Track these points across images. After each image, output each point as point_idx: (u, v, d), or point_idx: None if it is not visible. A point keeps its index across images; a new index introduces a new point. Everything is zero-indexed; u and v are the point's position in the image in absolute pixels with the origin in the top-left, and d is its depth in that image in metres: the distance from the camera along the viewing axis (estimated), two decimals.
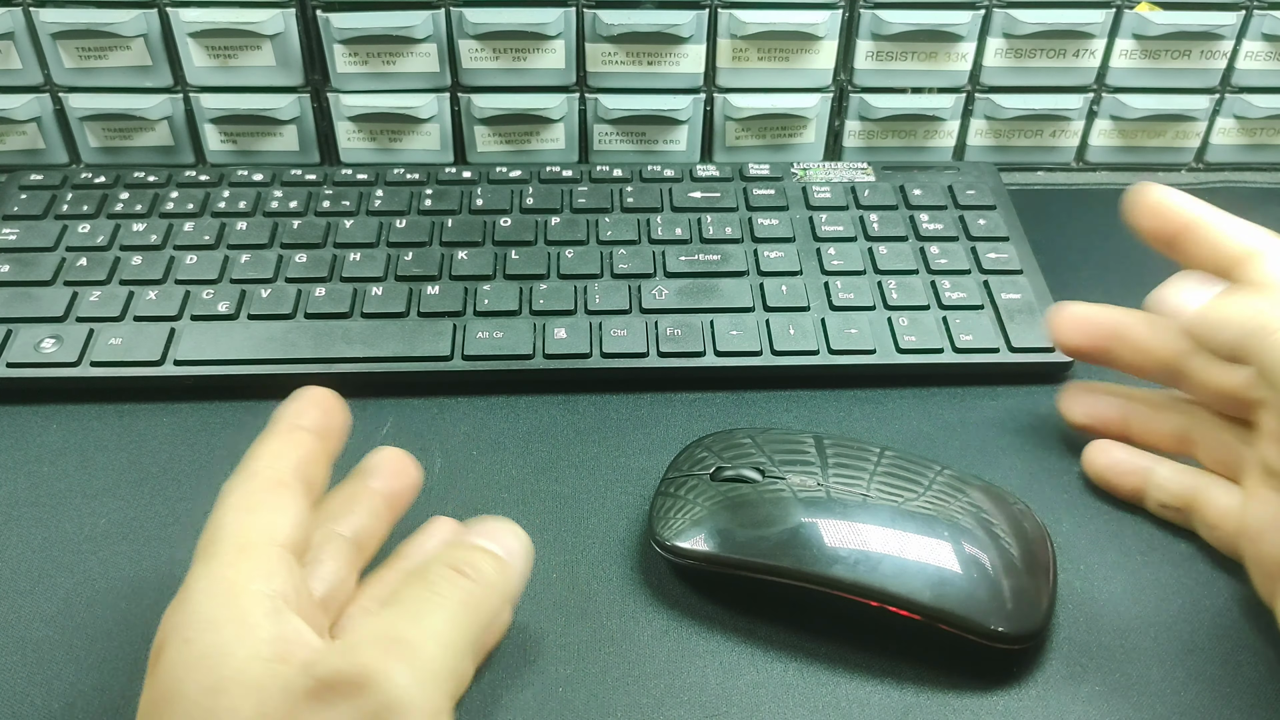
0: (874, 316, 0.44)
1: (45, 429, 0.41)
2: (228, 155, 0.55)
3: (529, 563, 0.30)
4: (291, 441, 0.30)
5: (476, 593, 0.27)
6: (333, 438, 0.32)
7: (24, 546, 0.37)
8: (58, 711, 0.32)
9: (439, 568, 0.28)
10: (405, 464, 0.34)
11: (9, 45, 0.51)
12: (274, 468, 0.29)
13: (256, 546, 0.27)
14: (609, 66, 0.52)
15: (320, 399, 0.32)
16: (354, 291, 0.45)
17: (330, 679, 0.24)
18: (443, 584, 0.27)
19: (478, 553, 0.29)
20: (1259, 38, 0.53)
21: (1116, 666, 0.33)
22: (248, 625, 0.25)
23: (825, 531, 0.33)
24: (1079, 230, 0.52)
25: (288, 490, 0.29)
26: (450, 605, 0.27)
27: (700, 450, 0.37)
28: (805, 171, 0.52)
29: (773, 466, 0.35)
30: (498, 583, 0.29)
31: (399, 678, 0.24)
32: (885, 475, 0.35)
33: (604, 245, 0.47)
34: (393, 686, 0.24)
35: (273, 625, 0.25)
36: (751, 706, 0.32)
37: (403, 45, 0.51)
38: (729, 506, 0.34)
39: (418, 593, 0.27)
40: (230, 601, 0.25)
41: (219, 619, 0.25)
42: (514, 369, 0.42)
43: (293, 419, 0.31)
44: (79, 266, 0.46)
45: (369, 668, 0.24)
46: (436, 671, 0.25)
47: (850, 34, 0.52)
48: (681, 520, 0.35)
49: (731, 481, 0.35)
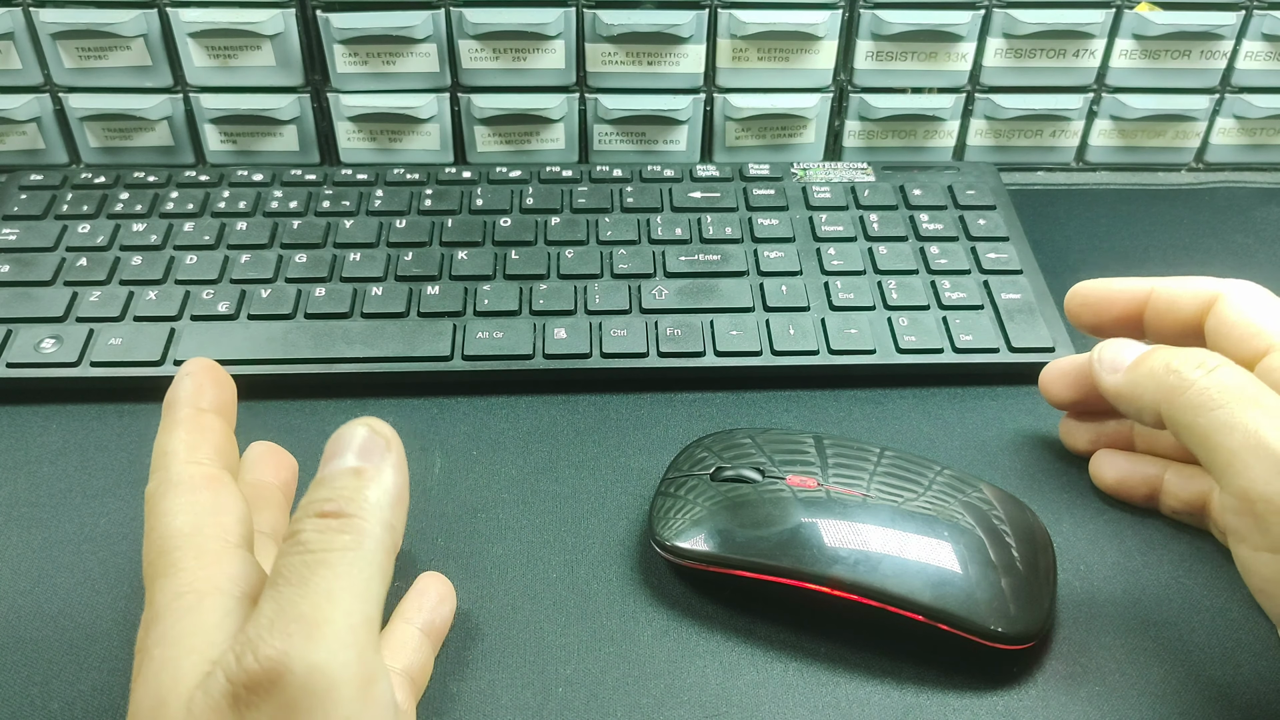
0: (874, 316, 0.44)
1: (45, 429, 0.41)
2: (228, 155, 0.55)
3: (399, 449, 0.26)
4: (201, 428, 0.28)
5: (358, 527, 0.24)
6: (230, 413, 0.30)
7: (24, 546, 0.37)
8: (57, 711, 0.32)
9: (307, 521, 0.25)
10: (284, 455, 0.35)
11: (9, 45, 0.51)
12: (198, 463, 0.27)
13: (213, 552, 0.25)
14: (609, 66, 0.52)
15: (212, 372, 0.30)
16: (354, 291, 0.45)
17: (242, 680, 0.22)
18: (316, 539, 0.24)
19: (340, 480, 0.25)
20: (1259, 38, 0.53)
21: (1116, 666, 0.33)
22: (203, 631, 0.24)
23: (825, 532, 0.33)
24: (1079, 230, 0.52)
25: (222, 484, 0.27)
26: (333, 558, 0.24)
27: (700, 450, 0.37)
28: (805, 171, 0.52)
29: (773, 467, 0.35)
30: (376, 500, 0.25)
31: (310, 657, 0.22)
32: (886, 475, 0.35)
33: (604, 245, 0.47)
34: (307, 669, 0.22)
35: (231, 626, 0.24)
36: (751, 706, 0.32)
37: (403, 45, 0.51)
38: (728, 507, 0.34)
39: (296, 560, 0.24)
40: (196, 613, 0.24)
41: (181, 631, 0.24)
42: (514, 369, 0.42)
43: (193, 400, 0.29)
44: (79, 266, 0.46)
45: (273, 659, 0.22)
46: (346, 635, 0.23)
47: (850, 34, 0.52)
48: (681, 520, 0.35)
49: (731, 481, 0.35)
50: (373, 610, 0.24)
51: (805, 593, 0.33)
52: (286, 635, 0.23)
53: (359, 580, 0.24)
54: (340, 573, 0.24)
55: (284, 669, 0.22)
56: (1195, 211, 0.54)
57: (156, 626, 0.24)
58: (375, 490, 0.25)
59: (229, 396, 0.30)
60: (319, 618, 0.23)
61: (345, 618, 0.23)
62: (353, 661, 0.23)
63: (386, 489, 0.25)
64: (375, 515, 0.25)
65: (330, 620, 0.23)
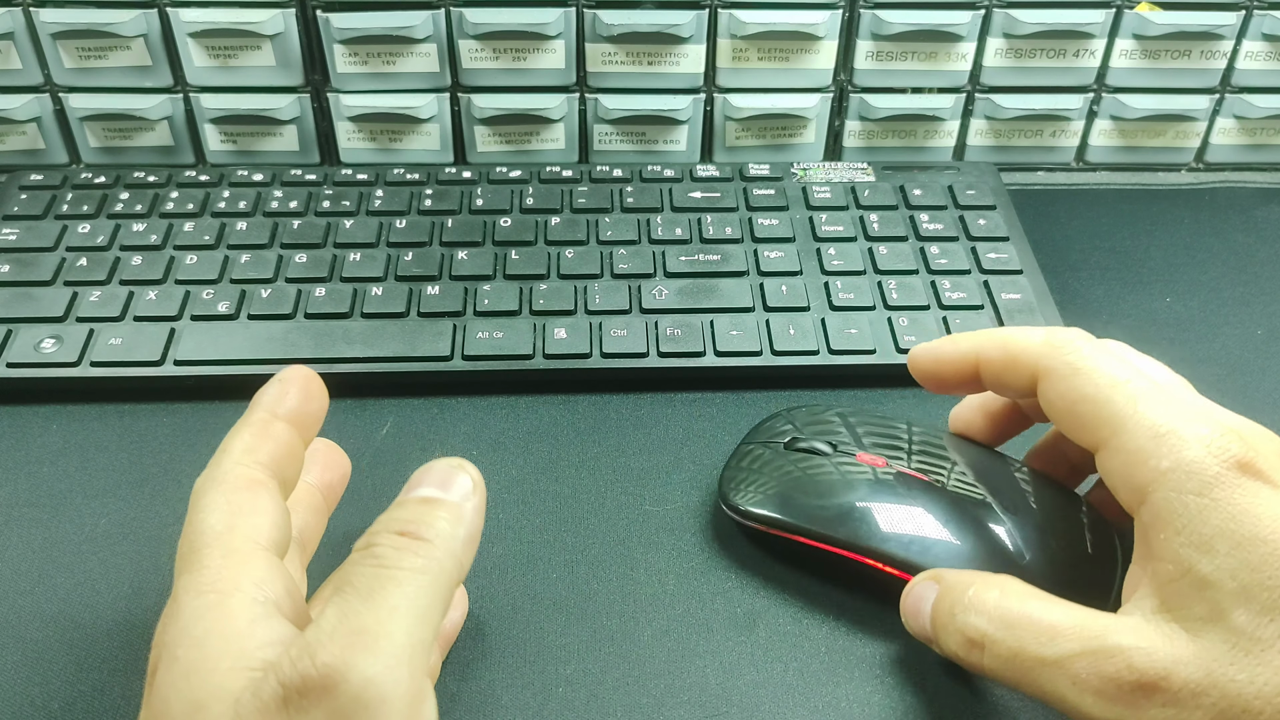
0: (874, 316, 0.44)
1: (45, 429, 0.41)
2: (228, 155, 0.55)
3: (482, 495, 0.28)
4: (266, 434, 0.29)
5: (431, 553, 0.25)
6: (309, 424, 0.30)
7: (24, 546, 0.37)
8: (57, 711, 0.32)
9: (384, 536, 0.25)
10: (338, 455, 0.34)
11: (9, 45, 0.51)
12: (248, 465, 0.28)
13: (242, 552, 0.26)
14: (609, 66, 0.52)
15: (303, 381, 0.30)
16: (354, 291, 0.45)
17: (296, 684, 0.23)
18: (391, 555, 0.25)
19: (423, 508, 0.26)
20: (1259, 38, 0.53)
21: None
22: (235, 636, 0.24)
23: (880, 510, 0.33)
24: (1079, 230, 0.52)
25: (264, 489, 0.27)
26: (404, 576, 0.24)
27: (781, 421, 0.38)
28: (805, 171, 0.52)
29: (849, 443, 0.36)
30: (452, 533, 0.26)
31: (366, 669, 0.23)
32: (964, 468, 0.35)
33: (604, 245, 0.47)
34: (362, 681, 0.22)
35: (263, 633, 0.24)
36: (751, 706, 0.32)
37: (403, 45, 0.51)
38: (795, 475, 0.35)
39: (367, 571, 0.25)
40: (219, 613, 0.24)
41: (207, 632, 0.24)
42: (514, 369, 0.42)
43: (271, 406, 0.29)
44: (79, 266, 0.46)
45: (331, 666, 0.23)
46: (404, 653, 0.23)
47: (850, 34, 0.52)
48: (747, 485, 0.36)
49: (803, 452, 0.36)
50: (429, 635, 0.24)
51: (859, 566, 0.33)
52: (347, 644, 0.23)
53: (422, 602, 0.24)
54: (407, 591, 0.24)
55: (340, 678, 0.22)
56: (1195, 211, 0.54)
57: (176, 623, 0.24)
58: (453, 524, 0.26)
59: (314, 408, 0.30)
60: (381, 631, 0.23)
61: (405, 635, 0.23)
62: (405, 679, 0.23)
63: (464, 525, 0.26)
64: (448, 546, 0.26)
65: (391, 635, 0.23)
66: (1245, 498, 0.26)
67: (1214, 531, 0.26)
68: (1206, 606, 0.26)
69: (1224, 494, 0.26)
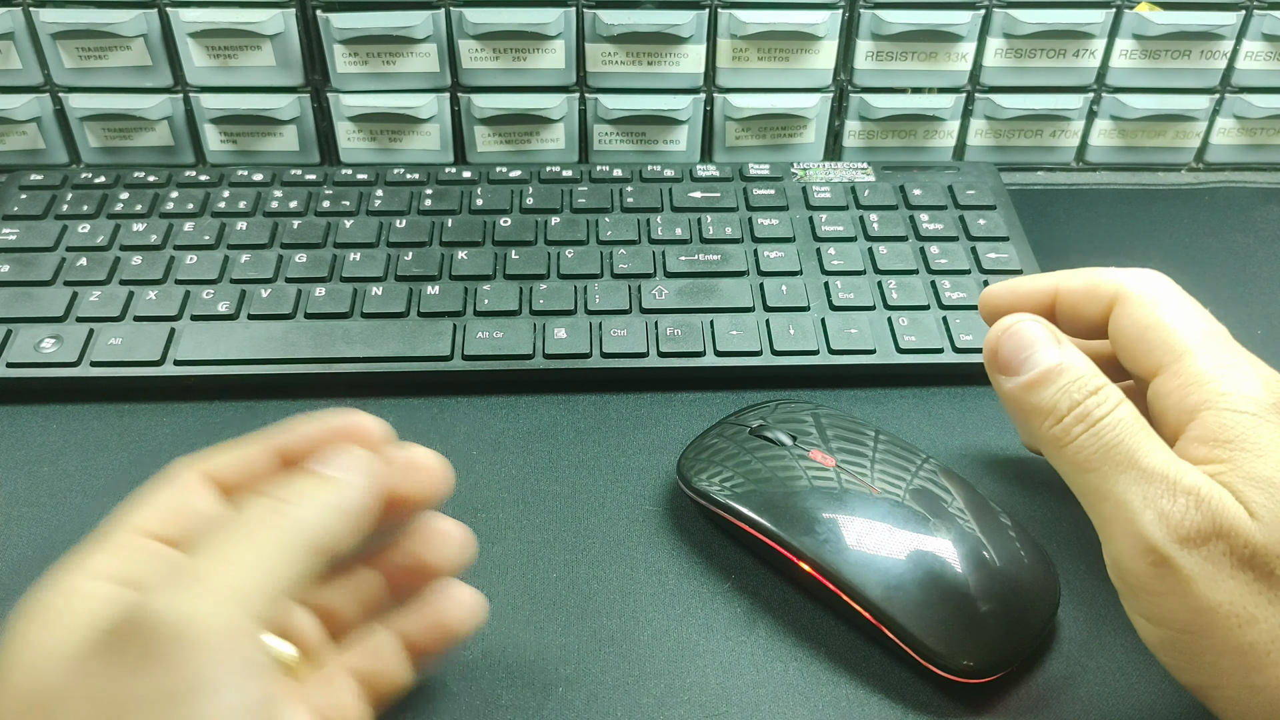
0: (874, 316, 0.44)
1: (45, 429, 0.41)
2: (228, 155, 0.55)
3: (370, 478, 0.27)
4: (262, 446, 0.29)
5: (284, 510, 0.25)
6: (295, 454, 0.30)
7: (24, 546, 0.37)
8: None
9: (250, 498, 0.26)
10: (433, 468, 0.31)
11: (9, 45, 0.51)
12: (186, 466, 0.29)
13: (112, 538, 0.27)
14: (609, 66, 0.52)
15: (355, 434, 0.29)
16: (354, 291, 0.45)
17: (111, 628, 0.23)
18: (247, 510, 0.25)
19: (290, 476, 0.27)
20: (1259, 38, 0.53)
21: (1117, 667, 0.33)
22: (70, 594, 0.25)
23: (814, 507, 0.34)
24: (1079, 230, 0.52)
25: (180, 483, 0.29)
26: (252, 528, 0.25)
27: (758, 409, 0.39)
28: (805, 171, 0.52)
29: (810, 439, 0.36)
30: (315, 498, 0.26)
31: (171, 600, 0.23)
32: (913, 481, 0.35)
33: (604, 245, 0.47)
34: (167, 611, 0.22)
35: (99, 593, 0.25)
36: (751, 706, 0.32)
37: (403, 45, 0.51)
38: (747, 460, 0.36)
39: (222, 529, 0.25)
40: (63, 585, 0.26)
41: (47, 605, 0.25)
42: (514, 369, 0.42)
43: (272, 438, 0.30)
44: (79, 266, 0.46)
45: (139, 602, 0.23)
46: (227, 594, 0.23)
47: (850, 34, 0.52)
48: (704, 460, 0.37)
49: (764, 440, 0.37)
50: (269, 585, 0.24)
51: (780, 558, 0.34)
52: (167, 586, 0.23)
53: (265, 553, 0.24)
54: (255, 541, 0.25)
55: (148, 611, 0.23)
56: (1195, 211, 0.54)
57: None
58: (320, 490, 0.26)
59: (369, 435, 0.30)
60: (202, 573, 0.24)
61: (233, 579, 0.24)
62: (224, 612, 0.23)
63: (335, 495, 0.26)
64: (307, 508, 0.26)
65: (211, 577, 0.24)
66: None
67: (1270, 443, 0.28)
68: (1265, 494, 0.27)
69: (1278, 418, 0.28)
